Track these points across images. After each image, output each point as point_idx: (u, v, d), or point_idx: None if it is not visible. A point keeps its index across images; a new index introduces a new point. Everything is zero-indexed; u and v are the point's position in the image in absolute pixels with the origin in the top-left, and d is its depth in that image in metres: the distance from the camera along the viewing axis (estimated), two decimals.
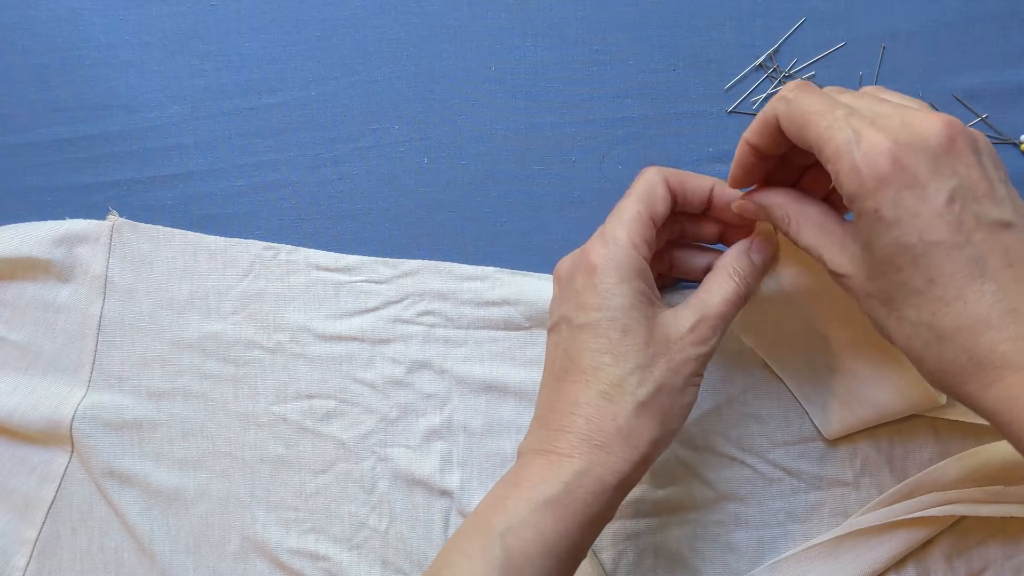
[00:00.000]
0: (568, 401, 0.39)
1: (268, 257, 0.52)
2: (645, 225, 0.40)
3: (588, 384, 0.39)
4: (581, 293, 0.40)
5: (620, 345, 0.38)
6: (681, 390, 0.39)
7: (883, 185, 0.33)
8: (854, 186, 0.34)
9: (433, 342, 0.51)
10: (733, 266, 0.41)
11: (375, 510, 0.50)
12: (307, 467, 0.50)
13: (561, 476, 0.37)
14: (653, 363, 0.39)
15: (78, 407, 0.50)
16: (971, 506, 0.45)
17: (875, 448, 0.48)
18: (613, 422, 0.38)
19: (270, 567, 0.50)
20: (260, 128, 0.54)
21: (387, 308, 0.51)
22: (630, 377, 0.38)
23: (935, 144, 0.33)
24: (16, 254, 0.51)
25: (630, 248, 0.40)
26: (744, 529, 0.48)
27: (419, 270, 0.51)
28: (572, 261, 0.41)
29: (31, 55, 0.55)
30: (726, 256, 0.42)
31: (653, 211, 0.41)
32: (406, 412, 0.51)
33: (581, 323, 0.39)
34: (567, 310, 0.40)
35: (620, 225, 0.40)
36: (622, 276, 0.39)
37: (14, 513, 0.51)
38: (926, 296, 0.33)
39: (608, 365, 0.38)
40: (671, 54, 0.53)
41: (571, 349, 0.39)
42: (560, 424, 0.39)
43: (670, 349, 0.39)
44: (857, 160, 0.33)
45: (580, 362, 0.39)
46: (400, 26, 0.54)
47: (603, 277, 0.39)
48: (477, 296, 0.51)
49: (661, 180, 0.42)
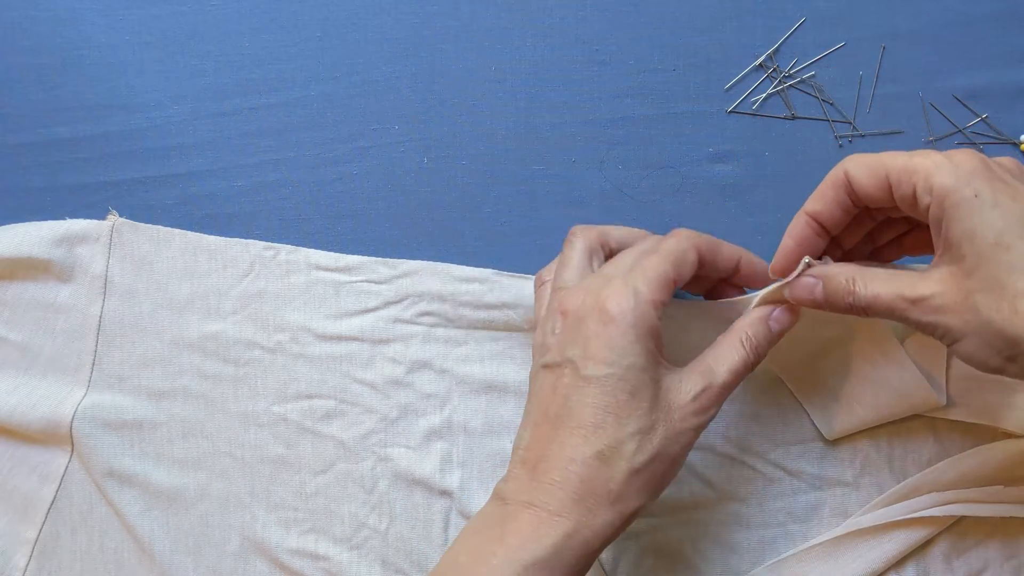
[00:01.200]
0: (562, 455, 0.38)
1: (268, 257, 0.52)
2: (667, 288, 0.40)
3: (586, 440, 0.38)
4: (592, 341, 0.38)
5: (625, 407, 0.38)
6: (675, 459, 0.39)
7: (976, 176, 0.35)
8: (950, 177, 0.35)
9: (433, 342, 0.51)
10: (747, 332, 0.41)
11: (375, 510, 0.50)
12: (307, 467, 0.50)
13: (550, 538, 0.37)
14: (653, 429, 0.38)
15: (78, 407, 0.50)
16: (970, 506, 0.45)
17: (875, 448, 0.48)
18: (606, 486, 0.37)
19: (270, 567, 0.50)
20: (260, 128, 0.54)
21: (387, 308, 0.51)
22: (629, 442, 0.37)
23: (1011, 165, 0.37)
24: (16, 254, 0.51)
25: (650, 306, 0.39)
26: (745, 529, 0.48)
27: (418, 271, 0.51)
28: (584, 300, 0.40)
29: (31, 55, 0.55)
30: (743, 320, 0.42)
31: (679, 275, 0.40)
32: (406, 412, 0.50)
33: (589, 375, 0.38)
34: (574, 354, 0.39)
35: (645, 280, 0.39)
36: (639, 334, 0.38)
37: (14, 513, 0.51)
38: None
39: (610, 425, 0.37)
40: (671, 54, 0.53)
41: (572, 398, 0.38)
42: (552, 478, 0.38)
43: (671, 416, 0.38)
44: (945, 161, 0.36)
45: (581, 415, 0.38)
46: (400, 26, 0.54)
47: (618, 331, 0.38)
48: (476, 298, 0.51)
49: (693, 248, 0.41)
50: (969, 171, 0.35)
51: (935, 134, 0.52)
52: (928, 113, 0.52)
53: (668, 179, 0.52)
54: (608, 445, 0.37)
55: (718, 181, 0.52)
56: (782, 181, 0.52)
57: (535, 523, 0.37)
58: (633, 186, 0.53)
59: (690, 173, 0.52)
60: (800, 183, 0.51)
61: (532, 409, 0.40)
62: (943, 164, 0.36)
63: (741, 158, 0.52)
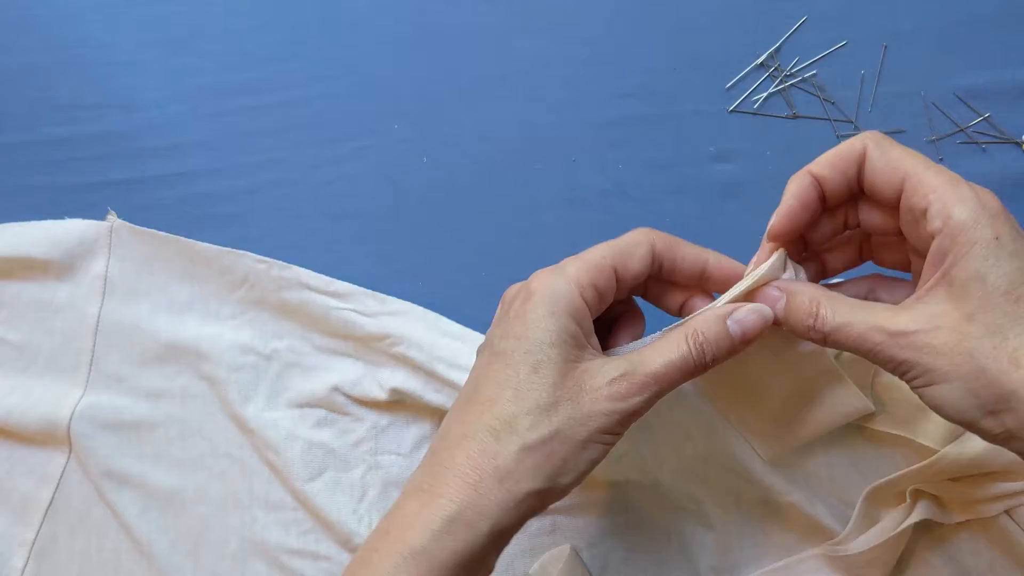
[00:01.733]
0: (458, 432, 0.36)
1: (261, 270, 0.51)
2: (602, 274, 0.37)
3: (482, 415, 0.35)
4: (512, 320, 0.37)
5: (526, 380, 0.35)
6: (582, 443, 0.35)
7: (999, 219, 0.33)
8: (971, 212, 0.33)
9: (416, 379, 0.49)
10: (698, 329, 0.37)
11: (363, 519, 0.49)
12: (296, 475, 0.49)
13: (430, 523, 0.34)
14: (555, 407, 0.35)
15: (76, 407, 0.50)
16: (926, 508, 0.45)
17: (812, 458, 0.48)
18: (492, 461, 0.34)
19: (269, 568, 0.49)
20: (260, 128, 0.54)
21: (372, 342, 0.51)
22: (525, 417, 0.35)
23: None
24: (15, 253, 0.51)
25: (572, 285, 0.36)
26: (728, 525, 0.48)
27: (405, 312, 0.50)
28: (518, 287, 0.38)
29: (31, 54, 0.55)
30: (697, 316, 0.38)
31: (621, 266, 0.38)
32: (396, 420, 0.50)
33: (498, 350, 0.36)
34: (494, 334, 0.38)
35: (575, 262, 0.37)
36: (553, 310, 0.36)
37: (11, 514, 0.50)
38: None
39: (507, 400, 0.35)
40: (671, 54, 0.53)
41: (480, 376, 0.37)
42: (441, 458, 0.36)
43: (581, 397, 0.35)
44: (966, 190, 0.34)
45: (483, 391, 0.36)
46: (400, 26, 0.54)
47: (535, 307, 0.36)
48: (453, 357, 0.49)
49: (646, 242, 0.38)
50: (993, 212, 0.33)
51: (937, 133, 0.51)
52: (930, 112, 0.52)
53: (668, 179, 0.52)
54: (501, 419, 0.35)
55: (718, 181, 0.52)
56: (783, 181, 0.51)
57: (417, 509, 0.35)
58: (633, 186, 0.52)
59: (690, 173, 0.52)
60: None
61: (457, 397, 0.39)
62: (967, 196, 0.33)
63: (742, 158, 0.52)
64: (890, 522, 0.45)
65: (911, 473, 0.45)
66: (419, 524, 0.34)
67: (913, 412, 0.46)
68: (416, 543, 0.34)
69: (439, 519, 0.34)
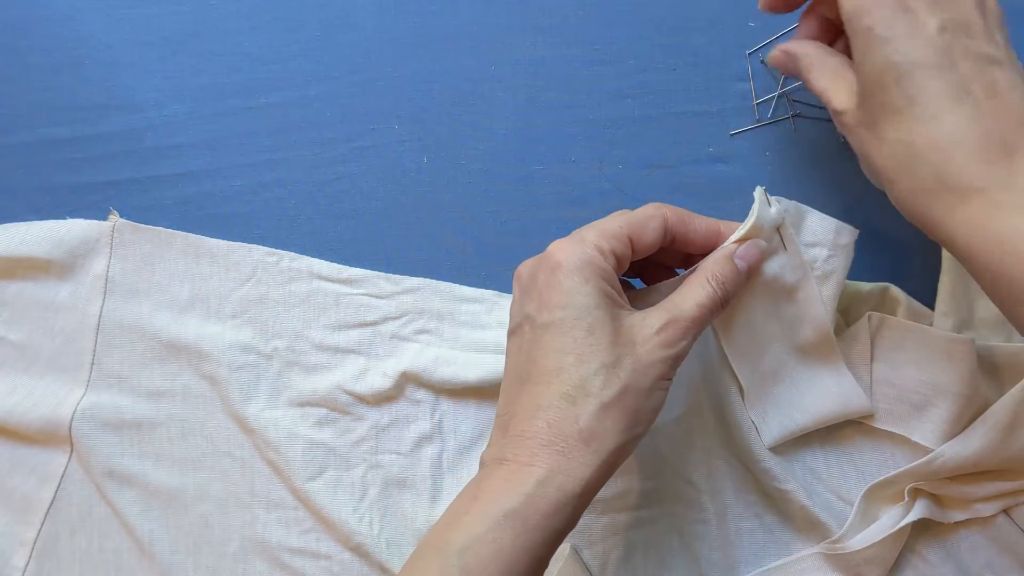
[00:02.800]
0: (530, 405, 0.37)
1: (271, 263, 0.52)
2: (620, 241, 0.39)
3: (550, 385, 0.37)
4: (544, 291, 0.38)
5: (584, 344, 0.37)
6: (648, 392, 0.38)
7: (880, 5, 0.35)
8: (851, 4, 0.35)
9: (425, 358, 0.50)
10: (713, 270, 0.40)
11: (364, 518, 0.49)
12: (297, 474, 0.50)
13: (522, 487, 0.35)
14: (619, 363, 0.37)
15: (77, 407, 0.50)
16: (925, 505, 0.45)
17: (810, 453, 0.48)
18: (575, 425, 0.36)
19: (270, 567, 0.49)
20: (260, 128, 0.54)
21: (385, 324, 0.51)
22: (594, 378, 0.36)
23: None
24: (16, 253, 0.51)
25: (595, 250, 0.38)
26: (727, 521, 0.48)
27: (420, 288, 0.51)
28: (535, 261, 0.40)
29: (31, 55, 0.55)
30: (708, 259, 0.41)
31: (636, 236, 0.40)
32: (397, 419, 0.50)
33: (545, 322, 0.38)
34: (530, 309, 0.39)
35: (592, 231, 0.39)
36: (586, 275, 0.38)
37: (13, 514, 0.50)
38: (905, 114, 0.34)
39: (572, 365, 0.37)
40: (671, 54, 0.53)
41: (534, 350, 0.38)
42: (521, 429, 0.37)
43: (636, 350, 0.37)
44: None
45: (543, 363, 0.37)
46: (400, 26, 0.54)
47: (568, 275, 0.38)
48: (474, 319, 0.51)
49: (659, 216, 0.41)
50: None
51: None
52: None
53: (668, 179, 0.52)
54: (573, 385, 0.36)
55: (718, 181, 0.52)
56: (783, 181, 0.52)
57: (507, 476, 0.36)
58: (633, 186, 0.52)
59: (690, 173, 0.52)
60: (801, 183, 0.51)
61: (504, 376, 0.40)
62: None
63: (742, 158, 0.52)
64: (888, 520, 0.46)
65: (909, 472, 0.45)
66: (511, 489, 0.36)
67: (910, 411, 0.47)
68: (509, 505, 0.35)
69: (532, 483, 0.35)
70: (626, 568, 0.48)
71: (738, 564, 0.48)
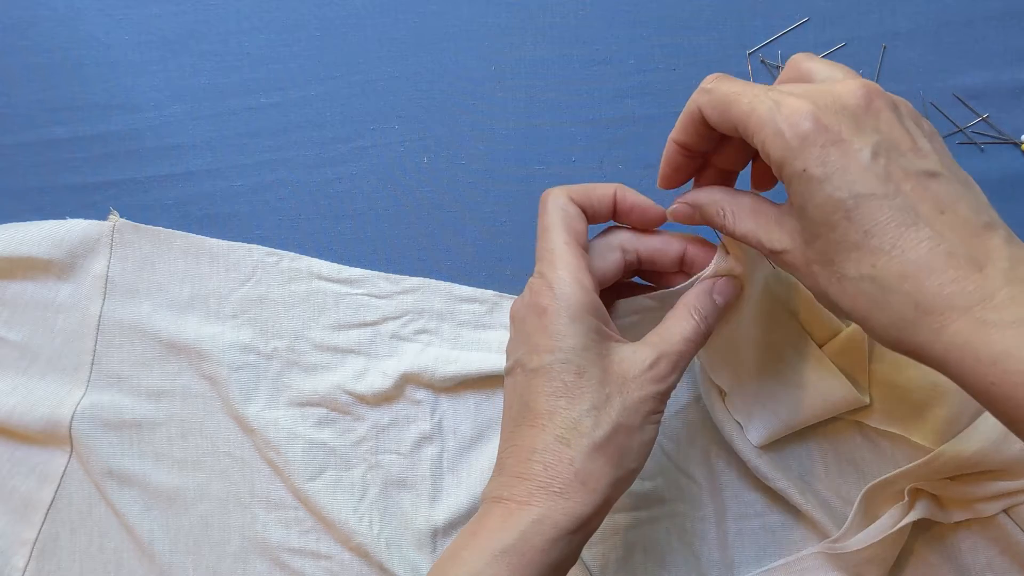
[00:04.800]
0: (525, 447, 0.38)
1: (271, 263, 0.52)
2: (577, 254, 0.39)
3: (544, 429, 0.37)
4: (532, 336, 0.38)
5: (575, 387, 0.37)
6: (639, 428, 0.38)
7: (807, 144, 0.34)
8: (780, 150, 0.34)
9: (425, 357, 0.50)
10: (695, 305, 0.40)
11: (363, 518, 0.49)
12: (297, 474, 0.50)
13: (518, 524, 0.36)
14: (608, 403, 0.37)
15: (77, 407, 0.50)
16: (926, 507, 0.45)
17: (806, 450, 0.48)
18: (570, 467, 0.37)
19: (270, 567, 0.49)
20: (260, 128, 0.54)
21: (385, 324, 0.51)
22: (585, 419, 0.37)
23: (853, 104, 0.34)
24: (16, 253, 0.51)
25: (574, 284, 0.38)
26: (727, 520, 0.48)
27: (420, 288, 0.51)
28: (522, 302, 0.40)
29: (31, 55, 0.55)
30: (689, 294, 0.41)
31: (576, 234, 0.40)
32: (397, 419, 0.50)
33: (534, 367, 0.38)
34: (520, 354, 0.39)
35: (556, 262, 0.39)
36: (572, 315, 0.38)
37: (13, 513, 0.50)
38: (864, 249, 0.33)
39: (563, 408, 0.37)
40: (671, 54, 0.53)
41: (526, 394, 0.38)
42: (518, 471, 0.38)
43: (626, 387, 0.38)
44: (780, 124, 0.34)
45: (536, 407, 0.38)
46: (400, 26, 0.54)
47: (553, 318, 0.38)
48: (475, 319, 0.51)
49: (569, 201, 0.41)
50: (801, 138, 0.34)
51: None
52: (929, 112, 0.52)
53: None
54: (566, 427, 0.37)
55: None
56: None
57: (504, 515, 0.37)
58: (633, 186, 0.52)
59: None
60: None
61: (503, 415, 0.41)
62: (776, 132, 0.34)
63: None
64: (888, 520, 0.46)
65: (909, 471, 0.45)
66: (508, 526, 0.36)
67: (909, 411, 0.47)
68: (507, 542, 0.36)
69: (527, 521, 0.36)
70: (626, 568, 0.48)
71: (738, 564, 0.48)
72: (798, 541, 0.48)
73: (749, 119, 0.35)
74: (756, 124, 0.35)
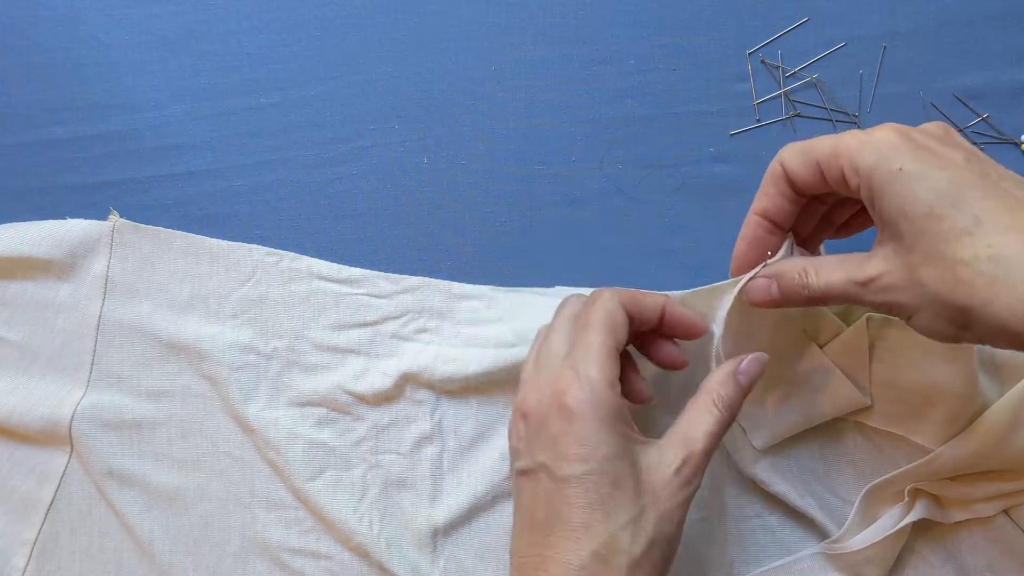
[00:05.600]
0: (560, 560, 0.36)
1: (270, 263, 0.52)
2: (614, 358, 0.38)
3: (579, 542, 0.36)
4: (560, 440, 0.37)
5: (610, 500, 0.36)
6: (673, 537, 0.38)
7: (900, 148, 0.35)
8: (872, 155, 0.35)
9: (425, 356, 0.50)
10: (718, 392, 0.39)
11: (363, 518, 0.49)
12: (297, 474, 0.50)
13: None
14: (643, 515, 0.37)
15: (77, 407, 0.50)
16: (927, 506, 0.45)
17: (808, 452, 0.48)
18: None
19: (270, 567, 0.49)
20: (260, 128, 0.54)
21: (385, 323, 0.51)
22: (622, 534, 0.36)
23: (933, 130, 0.37)
24: (16, 253, 0.51)
25: (607, 388, 0.37)
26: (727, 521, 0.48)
27: (420, 287, 0.51)
28: (540, 398, 0.39)
29: (31, 55, 0.55)
30: (712, 379, 0.40)
31: (618, 341, 0.39)
32: (397, 419, 0.50)
33: (565, 475, 0.37)
34: (546, 458, 0.38)
35: (592, 363, 0.38)
36: (603, 422, 0.37)
37: (13, 513, 0.50)
38: (976, 234, 0.33)
39: (599, 522, 0.36)
40: (671, 54, 0.53)
41: (556, 501, 0.37)
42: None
43: (658, 496, 0.37)
44: (870, 140, 0.36)
45: (568, 517, 0.36)
46: (400, 26, 0.54)
47: (584, 424, 0.37)
48: (474, 315, 0.51)
49: (619, 306, 0.40)
50: (891, 145, 0.35)
51: None
52: (929, 113, 0.52)
53: (668, 179, 0.52)
54: (603, 543, 0.36)
55: (718, 181, 0.52)
56: None
57: None
58: (633, 186, 0.52)
59: (690, 173, 0.52)
60: None
61: (519, 516, 0.39)
62: (865, 142, 0.36)
63: (742, 158, 0.52)
64: (888, 520, 0.46)
65: (909, 471, 0.45)
66: None
67: (909, 411, 0.47)
68: None
69: None
70: None
71: (738, 564, 0.48)
72: (798, 541, 0.48)
73: (835, 147, 0.37)
74: (843, 148, 0.36)
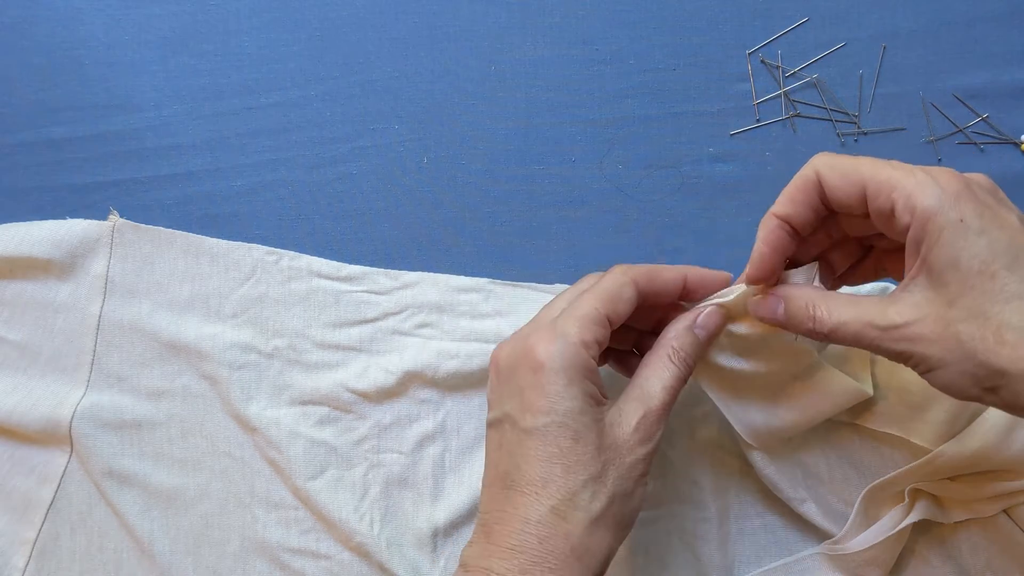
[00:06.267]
0: (518, 516, 0.36)
1: (270, 262, 0.52)
2: (600, 324, 0.38)
3: (538, 497, 0.36)
4: (526, 391, 0.37)
5: (571, 454, 0.36)
6: (631, 494, 0.37)
7: (962, 200, 0.34)
8: (933, 199, 0.34)
9: (427, 352, 0.50)
10: (673, 345, 0.39)
11: (364, 518, 0.49)
12: (298, 474, 0.50)
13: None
14: (604, 473, 0.36)
15: (77, 407, 0.50)
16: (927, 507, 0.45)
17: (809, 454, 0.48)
18: (566, 542, 0.35)
19: (270, 567, 0.49)
20: (260, 128, 0.54)
21: (386, 319, 0.51)
22: (583, 491, 0.36)
23: (988, 184, 0.35)
24: (16, 253, 0.51)
25: (580, 347, 0.37)
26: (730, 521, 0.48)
27: (418, 282, 0.52)
28: (512, 350, 0.39)
29: (31, 55, 0.55)
30: (668, 332, 0.40)
31: (613, 312, 0.39)
32: (399, 418, 0.50)
33: (528, 427, 0.37)
34: (511, 408, 0.38)
35: (573, 321, 0.38)
36: (571, 377, 0.37)
37: (13, 513, 0.50)
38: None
39: (558, 476, 0.36)
40: (671, 54, 0.53)
41: (517, 455, 0.37)
42: (510, 543, 0.36)
43: (619, 453, 0.37)
44: (930, 179, 0.34)
45: (528, 471, 0.36)
46: (400, 26, 0.54)
47: (551, 377, 0.37)
48: (473, 308, 0.51)
49: (630, 282, 0.40)
50: (955, 194, 0.34)
51: (935, 134, 0.52)
52: (928, 112, 0.52)
53: (668, 179, 0.52)
54: (562, 499, 0.36)
55: (718, 181, 0.52)
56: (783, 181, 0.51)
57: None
58: (633, 186, 0.52)
59: (690, 173, 0.52)
60: None
61: (486, 469, 0.39)
62: (927, 184, 0.34)
63: (742, 158, 0.52)
64: (889, 521, 0.46)
65: (909, 471, 0.45)
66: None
67: (908, 412, 0.47)
68: None
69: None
70: (626, 568, 0.48)
71: (738, 564, 0.48)
72: (798, 541, 0.48)
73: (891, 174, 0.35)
74: (901, 180, 0.35)
